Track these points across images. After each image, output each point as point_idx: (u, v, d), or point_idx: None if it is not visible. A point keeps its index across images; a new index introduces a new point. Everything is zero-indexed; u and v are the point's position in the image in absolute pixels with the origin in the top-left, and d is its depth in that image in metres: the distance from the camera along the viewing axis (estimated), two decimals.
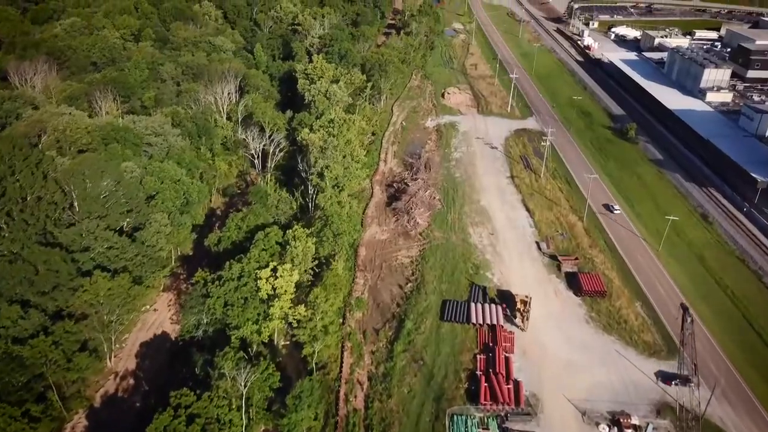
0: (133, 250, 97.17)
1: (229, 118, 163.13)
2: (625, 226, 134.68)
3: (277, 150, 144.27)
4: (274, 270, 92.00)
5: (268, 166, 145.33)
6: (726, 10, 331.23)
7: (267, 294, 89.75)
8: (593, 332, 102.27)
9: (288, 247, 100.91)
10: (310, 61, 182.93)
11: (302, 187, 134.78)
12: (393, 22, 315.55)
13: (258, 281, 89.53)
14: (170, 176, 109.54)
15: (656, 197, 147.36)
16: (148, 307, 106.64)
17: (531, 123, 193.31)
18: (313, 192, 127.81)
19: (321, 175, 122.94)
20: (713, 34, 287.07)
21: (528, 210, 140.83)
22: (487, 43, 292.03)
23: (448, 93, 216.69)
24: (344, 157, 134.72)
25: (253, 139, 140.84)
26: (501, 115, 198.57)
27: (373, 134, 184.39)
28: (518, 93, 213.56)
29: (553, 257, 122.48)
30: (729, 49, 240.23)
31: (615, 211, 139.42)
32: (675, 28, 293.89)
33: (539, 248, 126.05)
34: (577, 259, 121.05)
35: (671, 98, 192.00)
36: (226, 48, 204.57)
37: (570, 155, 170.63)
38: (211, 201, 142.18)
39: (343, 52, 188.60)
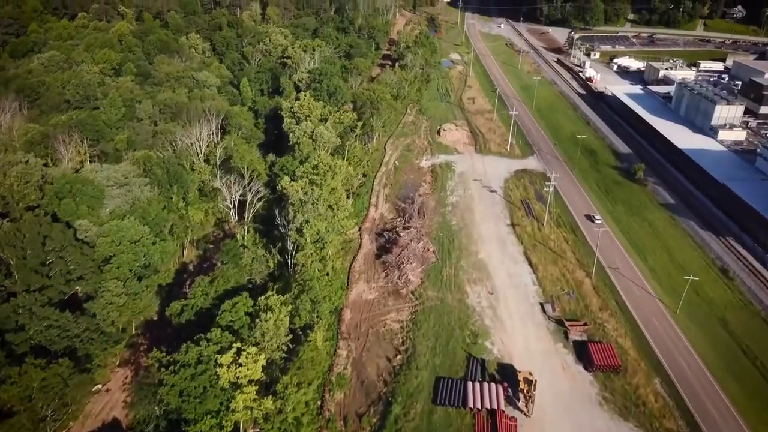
0: (80, 326, 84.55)
1: (207, 161, 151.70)
2: (638, 283, 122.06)
3: (255, 199, 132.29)
4: (238, 352, 79.31)
5: (246, 216, 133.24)
6: (731, 41, 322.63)
7: (228, 383, 76.94)
8: (607, 418, 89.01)
9: (258, 320, 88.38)
10: (298, 98, 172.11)
11: (282, 240, 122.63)
12: (389, 52, 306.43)
13: (218, 368, 76.77)
14: (129, 236, 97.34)
15: (670, 248, 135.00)
16: (99, 386, 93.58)
17: (532, 163, 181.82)
18: (292, 248, 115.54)
19: (300, 231, 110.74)
20: (719, 65, 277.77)
21: (531, 264, 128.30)
22: (486, 74, 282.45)
23: (444, 130, 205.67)
24: (329, 207, 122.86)
25: (229, 188, 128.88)
26: (500, 154, 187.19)
27: (364, 175, 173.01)
28: (518, 129, 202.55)
29: (559, 322, 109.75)
30: (737, 82, 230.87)
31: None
32: (679, 59, 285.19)
33: (544, 311, 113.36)
34: (586, 324, 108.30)
35: (681, 136, 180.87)
36: (210, 83, 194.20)
37: (575, 199, 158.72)
38: (183, 255, 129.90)
39: (332, 89, 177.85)
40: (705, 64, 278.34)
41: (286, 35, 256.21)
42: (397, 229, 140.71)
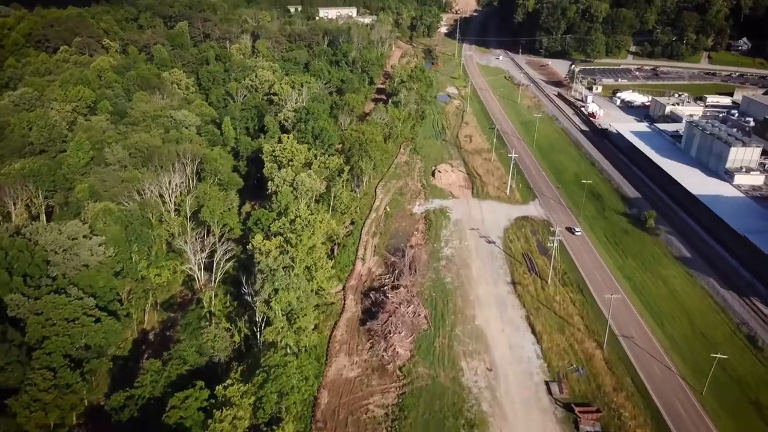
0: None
1: (178, 212, 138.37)
2: (656, 356, 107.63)
3: (224, 260, 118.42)
4: None
5: (214, 279, 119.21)
6: (737, 74, 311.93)
7: None
8: None
9: (211, 421, 73.92)
10: (281, 140, 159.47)
11: (252, 308, 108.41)
12: (383, 86, 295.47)
13: None
14: (66, 313, 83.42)
15: (690, 312, 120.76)
16: None
17: (534, 209, 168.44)
18: (262, 319, 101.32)
19: (268, 303, 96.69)
20: (727, 100, 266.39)
21: (534, 332, 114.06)
22: (483, 110, 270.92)
23: (439, 171, 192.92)
24: (306, 269, 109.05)
25: (194, 249, 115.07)
26: (499, 199, 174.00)
27: (352, 223, 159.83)
28: (518, 170, 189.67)
29: (568, 407, 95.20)
30: (748, 119, 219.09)
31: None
32: (684, 93, 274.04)
33: (550, 392, 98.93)
34: (599, 411, 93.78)
35: (693, 180, 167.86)
36: (189, 123, 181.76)
37: (581, 252, 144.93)
38: (144, 321, 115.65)
39: (317, 131, 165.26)
40: (712, 99, 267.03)
41: (275, 69, 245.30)
42: (386, 288, 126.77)
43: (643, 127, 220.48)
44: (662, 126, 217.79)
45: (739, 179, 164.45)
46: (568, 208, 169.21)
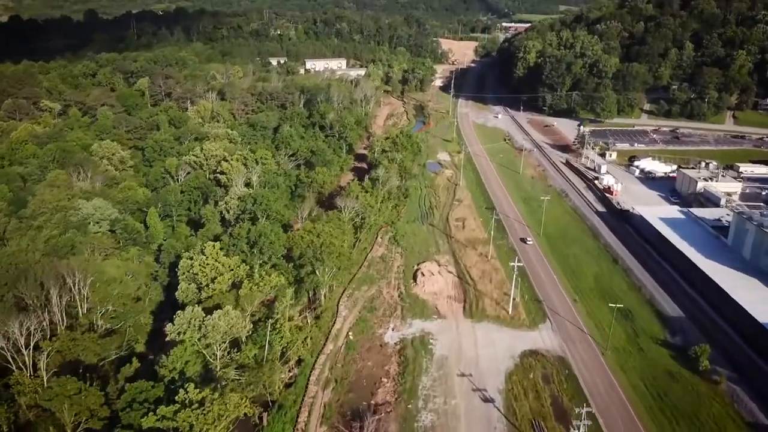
0: None
1: (35, 369, 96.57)
2: None
3: None
4: None
5: None
6: None
7: None
8: None
9: None
10: (203, 251, 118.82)
11: None
12: (365, 152, 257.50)
13: None
14: None
15: None
16: None
17: (545, 338, 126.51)
18: None
19: None
20: (763, 169, 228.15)
21: None
22: (479, 182, 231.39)
23: (423, 274, 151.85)
24: None
25: None
26: (499, 321, 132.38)
27: (300, 361, 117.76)
28: (522, 271, 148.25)
29: None
30: None
31: None
32: (712, 161, 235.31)
33: None
34: None
35: (754, 297, 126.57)
36: (100, 217, 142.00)
37: (612, 417, 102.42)
38: None
39: (254, 238, 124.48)
40: (746, 168, 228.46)
41: (232, 138, 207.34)
42: None
43: (674, 211, 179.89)
44: (698, 211, 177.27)
45: None
46: (589, 335, 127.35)
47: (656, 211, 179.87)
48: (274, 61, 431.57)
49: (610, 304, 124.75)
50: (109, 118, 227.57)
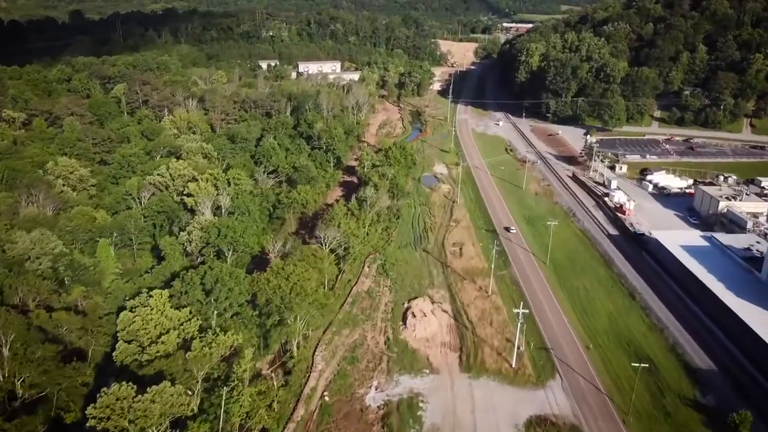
0: None
1: None
2: None
3: None
4: None
5: None
6: None
7: None
8: None
9: None
10: (148, 302, 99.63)
11: None
12: (356, 164, 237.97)
13: None
14: None
15: None
16: None
17: (555, 398, 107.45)
18: None
19: None
20: None
21: None
22: (479, 199, 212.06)
23: (414, 314, 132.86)
24: None
25: None
26: (500, 377, 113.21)
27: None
28: (529, 311, 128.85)
29: None
30: None
31: None
32: (731, 175, 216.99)
33: None
34: None
35: None
36: (40, 252, 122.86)
37: None
38: None
39: (209, 285, 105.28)
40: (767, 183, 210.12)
41: (208, 153, 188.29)
42: None
43: (696, 237, 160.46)
44: (723, 237, 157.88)
45: None
46: (607, 396, 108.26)
47: (676, 237, 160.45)
48: (264, 65, 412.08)
49: (633, 364, 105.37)
50: (75, 130, 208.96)
